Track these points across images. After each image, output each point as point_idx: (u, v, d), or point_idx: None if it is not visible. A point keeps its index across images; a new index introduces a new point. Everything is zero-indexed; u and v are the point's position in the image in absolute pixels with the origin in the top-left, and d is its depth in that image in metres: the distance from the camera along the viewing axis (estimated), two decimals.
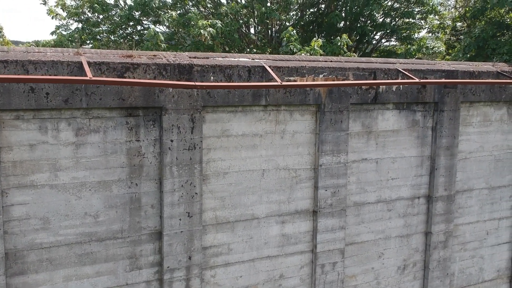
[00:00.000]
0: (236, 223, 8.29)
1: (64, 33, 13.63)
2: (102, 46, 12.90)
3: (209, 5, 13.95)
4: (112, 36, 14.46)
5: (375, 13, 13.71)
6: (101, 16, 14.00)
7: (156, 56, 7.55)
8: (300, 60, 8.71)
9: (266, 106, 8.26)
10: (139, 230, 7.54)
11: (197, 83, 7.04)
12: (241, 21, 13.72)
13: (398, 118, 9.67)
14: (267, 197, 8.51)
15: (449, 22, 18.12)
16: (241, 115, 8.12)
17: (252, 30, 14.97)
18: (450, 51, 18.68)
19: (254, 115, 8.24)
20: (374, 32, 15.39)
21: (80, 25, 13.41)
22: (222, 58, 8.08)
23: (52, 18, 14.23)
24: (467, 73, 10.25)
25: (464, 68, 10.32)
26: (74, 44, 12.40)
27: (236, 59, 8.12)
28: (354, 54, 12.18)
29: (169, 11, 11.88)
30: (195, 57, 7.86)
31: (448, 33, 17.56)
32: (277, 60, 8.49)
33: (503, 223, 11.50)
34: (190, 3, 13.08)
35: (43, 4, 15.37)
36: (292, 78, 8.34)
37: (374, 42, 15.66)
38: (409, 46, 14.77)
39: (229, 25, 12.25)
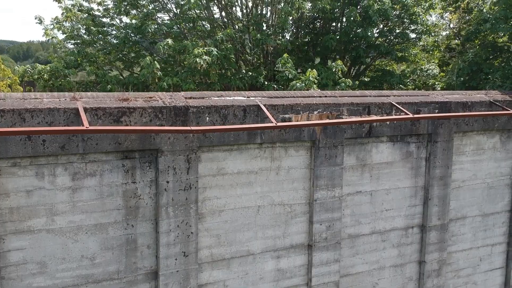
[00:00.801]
0: (232, 259, 8.36)
1: (62, 54, 13.68)
2: (98, 69, 12.92)
3: (205, 27, 14.01)
4: (108, 57, 14.50)
5: (369, 35, 13.79)
6: (97, 36, 14.01)
7: (152, 98, 7.61)
8: (295, 97, 8.79)
9: (261, 144, 8.33)
10: (135, 270, 7.59)
11: (192, 128, 7.11)
12: (236, 45, 13.80)
13: (392, 150, 9.77)
14: (262, 233, 8.59)
15: (444, 33, 18.25)
16: (236, 153, 8.20)
17: (247, 47, 15.00)
18: (444, 68, 18.83)
19: (250, 152, 8.31)
20: (369, 53, 15.49)
21: (76, 48, 13.43)
22: (218, 97, 8.15)
23: (48, 40, 14.28)
24: (460, 104, 10.36)
25: (457, 99, 10.43)
26: (71, 69, 12.42)
27: (231, 98, 8.19)
28: (349, 80, 12.24)
29: (165, 38, 11.93)
30: (190, 98, 7.92)
31: (442, 50, 17.69)
32: (272, 98, 8.57)
33: (496, 249, 11.62)
34: (186, 28, 13.13)
35: (39, 23, 15.40)
36: (287, 116, 8.42)
37: (368, 60, 15.76)
38: (403, 66, 14.89)
39: (225, 50, 12.33)
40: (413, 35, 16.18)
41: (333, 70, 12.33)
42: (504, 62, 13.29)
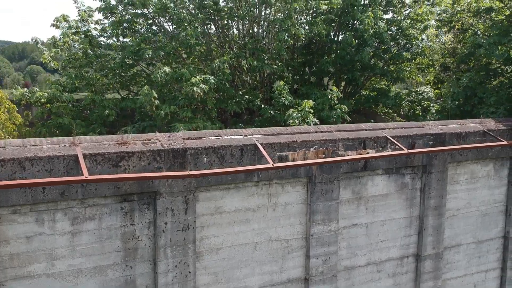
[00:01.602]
0: None
1: (62, 79, 13.76)
2: (95, 94, 12.98)
3: (202, 51, 14.08)
4: (106, 79, 14.56)
5: (364, 58, 13.92)
6: (94, 60, 14.07)
7: (150, 140, 7.70)
8: (291, 133, 8.89)
9: (258, 181, 8.43)
10: None
11: (190, 173, 7.21)
12: (232, 67, 13.90)
13: (387, 183, 9.89)
14: (259, 268, 8.68)
15: (438, 45, 18.39)
16: (234, 192, 8.29)
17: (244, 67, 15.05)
18: (439, 85, 18.99)
19: (247, 190, 8.41)
20: (364, 74, 15.62)
21: (73, 72, 13.48)
22: (215, 137, 8.25)
23: (45, 64, 14.33)
24: (455, 135, 10.50)
25: (451, 130, 10.56)
26: (68, 95, 12.47)
27: (228, 138, 8.29)
28: (344, 106, 12.35)
29: (162, 65, 12.01)
30: (188, 138, 8.02)
31: (437, 68, 17.85)
32: (269, 135, 8.67)
33: (490, 275, 11.77)
34: (183, 51, 13.21)
35: (35, 43, 15.44)
36: (283, 154, 8.52)
37: (363, 79, 15.89)
38: (398, 88, 15.05)
39: (222, 76, 12.43)
40: (407, 52, 16.30)
41: (329, 96, 12.46)
42: (498, 86, 13.44)
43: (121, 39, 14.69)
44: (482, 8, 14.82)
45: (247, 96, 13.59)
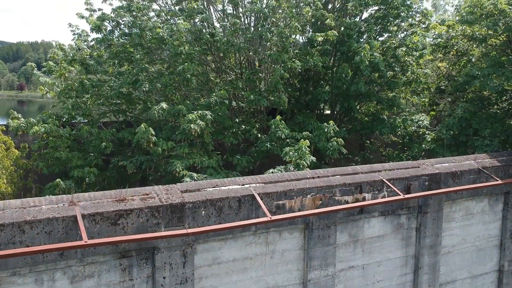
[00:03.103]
0: None
1: (58, 110, 13.79)
2: (92, 126, 13.01)
3: (200, 81, 14.12)
4: (102, 107, 14.58)
5: (360, 88, 14.02)
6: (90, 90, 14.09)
7: (148, 195, 7.75)
8: (288, 180, 8.96)
9: (255, 231, 8.49)
10: None
11: (189, 231, 7.27)
12: (230, 97, 13.97)
13: (383, 224, 9.98)
14: None
15: (433, 70, 18.52)
16: (231, 242, 8.35)
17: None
18: (434, 107, 19.11)
19: (244, 240, 8.47)
20: (359, 101, 15.74)
21: (70, 103, 13.51)
22: (213, 188, 8.30)
23: (43, 96, 14.35)
24: (450, 174, 10.60)
25: (446, 169, 10.66)
26: (66, 129, 12.49)
27: (226, 188, 8.35)
28: (340, 139, 12.44)
29: (159, 102, 12.05)
30: (186, 191, 8.07)
31: (432, 91, 17.96)
32: (266, 184, 8.73)
33: None
34: (181, 84, 13.26)
35: (31, 69, 15.45)
36: (281, 202, 8.59)
37: (358, 106, 16.01)
38: (394, 117, 15.18)
39: (219, 109, 12.49)
40: (403, 76, 16.39)
41: (325, 130, 12.55)
42: (493, 117, 13.57)
43: (118, 67, 14.68)
44: (477, 33, 14.92)
45: (243, 126, 13.63)
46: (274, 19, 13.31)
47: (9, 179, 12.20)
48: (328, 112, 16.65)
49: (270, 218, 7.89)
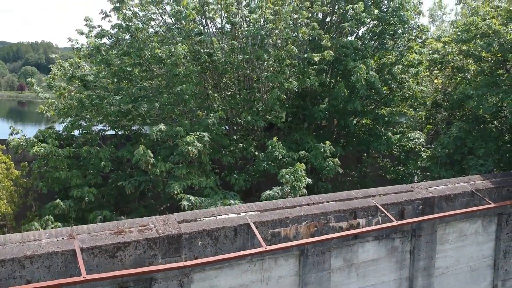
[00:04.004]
0: None
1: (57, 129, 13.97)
2: (91, 146, 13.16)
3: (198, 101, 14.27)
4: (102, 124, 14.74)
5: (357, 106, 14.20)
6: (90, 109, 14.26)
7: (145, 226, 7.91)
8: (284, 208, 9.12)
9: (251, 259, 8.64)
10: None
11: (185, 263, 7.44)
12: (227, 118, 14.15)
13: (377, 248, 10.14)
14: None
15: (430, 85, 18.71)
16: (227, 270, 8.51)
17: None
18: (431, 120, 19.28)
19: (240, 267, 8.63)
20: (356, 118, 15.91)
21: (70, 122, 13.68)
22: (209, 217, 8.46)
23: (42, 115, 14.51)
24: (443, 198, 10.77)
25: (440, 193, 10.83)
26: (65, 149, 12.65)
27: (222, 218, 8.51)
28: (336, 159, 12.60)
29: (158, 116, 12.24)
30: (183, 221, 8.23)
31: (429, 105, 18.14)
32: (262, 212, 8.90)
33: None
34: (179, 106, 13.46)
35: (30, 85, 15.59)
36: (276, 230, 8.76)
37: (354, 122, 16.20)
38: (390, 135, 15.35)
39: (216, 129, 12.64)
40: (399, 91, 16.56)
41: (322, 150, 12.72)
42: (487, 136, 13.72)
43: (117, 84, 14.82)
44: (472, 49, 15.05)
45: (241, 144, 13.79)
46: (271, 41, 13.48)
47: (9, 199, 12.36)
48: (325, 123, 16.78)
49: (265, 248, 8.05)
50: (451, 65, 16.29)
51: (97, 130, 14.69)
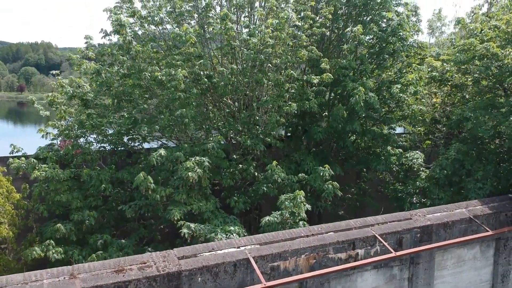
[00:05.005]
0: None
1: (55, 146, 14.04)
2: (92, 169, 13.23)
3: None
4: (103, 144, 14.80)
5: (356, 128, 14.28)
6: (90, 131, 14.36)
7: (146, 264, 7.99)
8: (283, 240, 9.20)
9: None
10: None
11: None
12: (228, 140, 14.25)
13: (376, 277, 10.21)
14: None
15: (428, 102, 18.81)
16: None
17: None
18: (430, 136, 19.36)
19: None
20: (354, 135, 15.99)
21: (69, 144, 13.76)
22: (209, 252, 8.54)
23: (43, 136, 14.59)
24: (441, 225, 10.85)
25: (438, 220, 10.91)
26: (66, 171, 12.72)
27: (222, 252, 8.59)
28: (336, 183, 12.69)
29: (158, 149, 12.31)
30: (183, 257, 8.31)
31: (428, 121, 18.22)
32: (261, 245, 8.97)
33: None
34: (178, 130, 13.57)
35: (32, 102, 15.65)
36: (275, 264, 8.84)
37: (353, 139, 16.30)
38: (389, 154, 15.45)
39: (216, 153, 12.72)
40: (398, 109, 16.64)
41: (321, 174, 12.80)
42: (485, 159, 13.80)
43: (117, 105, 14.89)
44: (471, 67, 15.11)
45: (240, 165, 13.86)
46: (270, 64, 13.55)
47: (11, 221, 12.43)
48: (324, 143, 16.84)
49: (265, 284, 8.13)
50: (449, 83, 16.36)
51: (97, 147, 14.76)
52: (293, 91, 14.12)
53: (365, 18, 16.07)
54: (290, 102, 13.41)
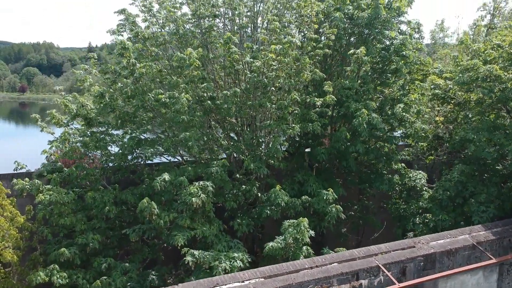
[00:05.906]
0: None
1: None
2: (95, 191, 13.29)
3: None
4: (107, 163, 14.86)
5: (359, 149, 14.32)
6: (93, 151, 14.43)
7: None
8: (288, 273, 9.24)
9: None
10: None
11: None
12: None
13: None
14: None
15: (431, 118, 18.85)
16: None
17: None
18: (432, 152, 19.38)
19: None
20: (357, 159, 16.05)
21: (74, 166, 13.83)
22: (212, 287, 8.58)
23: (46, 156, 14.67)
24: (445, 253, 10.89)
25: (441, 247, 10.94)
26: (70, 194, 12.79)
27: (226, 287, 8.63)
28: (339, 206, 12.72)
29: (162, 173, 12.34)
30: None
31: (430, 137, 18.22)
32: (266, 278, 9.01)
33: None
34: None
35: (39, 125, 15.64)
36: None
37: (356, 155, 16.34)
38: (390, 176, 15.52)
39: (219, 176, 12.76)
40: (400, 127, 16.66)
41: (324, 197, 12.84)
42: (488, 181, 13.82)
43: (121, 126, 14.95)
44: (473, 85, 15.11)
45: (244, 186, 13.89)
46: (273, 88, 13.59)
47: (15, 245, 12.48)
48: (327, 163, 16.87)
49: None
50: (452, 102, 16.38)
51: (100, 167, 14.81)
52: (296, 112, 14.15)
53: (368, 37, 16.09)
54: (293, 125, 13.45)
